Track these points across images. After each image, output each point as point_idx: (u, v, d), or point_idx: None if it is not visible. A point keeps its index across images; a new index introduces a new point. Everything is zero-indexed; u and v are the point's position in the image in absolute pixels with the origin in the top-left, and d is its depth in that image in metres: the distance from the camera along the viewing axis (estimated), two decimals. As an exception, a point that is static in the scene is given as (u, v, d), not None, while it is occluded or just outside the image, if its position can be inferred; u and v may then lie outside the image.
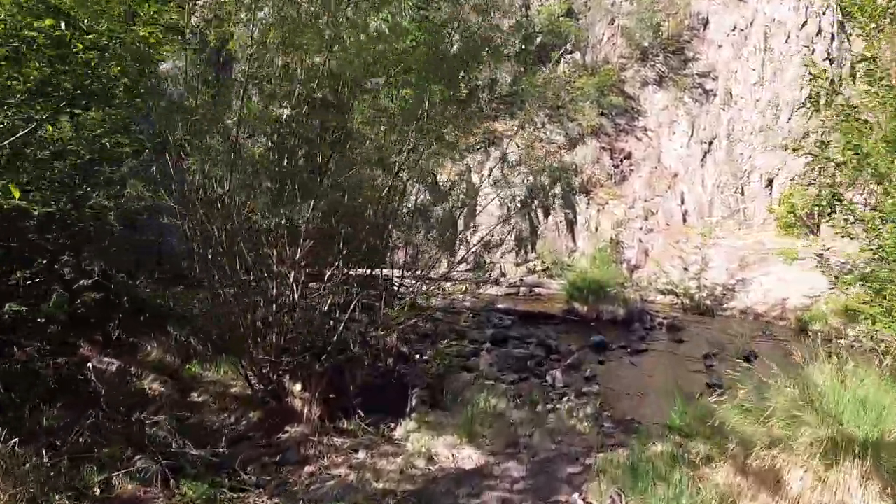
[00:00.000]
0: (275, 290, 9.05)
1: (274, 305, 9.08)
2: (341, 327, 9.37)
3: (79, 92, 7.14)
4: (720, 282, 22.15)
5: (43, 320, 8.29)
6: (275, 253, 9.02)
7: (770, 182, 26.55)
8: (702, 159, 26.84)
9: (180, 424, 8.79)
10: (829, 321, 19.73)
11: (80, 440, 7.39)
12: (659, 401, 11.75)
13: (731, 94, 27.34)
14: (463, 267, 22.32)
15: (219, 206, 8.63)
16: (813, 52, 26.46)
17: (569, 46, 28.46)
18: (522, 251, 23.00)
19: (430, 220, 13.34)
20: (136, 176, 9.26)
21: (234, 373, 10.09)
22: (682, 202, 25.98)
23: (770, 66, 27.00)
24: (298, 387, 9.12)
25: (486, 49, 10.03)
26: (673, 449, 8.07)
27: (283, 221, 8.75)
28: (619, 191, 25.48)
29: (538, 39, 28.12)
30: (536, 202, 23.34)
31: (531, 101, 27.22)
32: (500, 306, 19.08)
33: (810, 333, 18.83)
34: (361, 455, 8.24)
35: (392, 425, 9.11)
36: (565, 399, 11.51)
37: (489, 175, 24.05)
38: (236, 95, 8.72)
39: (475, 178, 24.08)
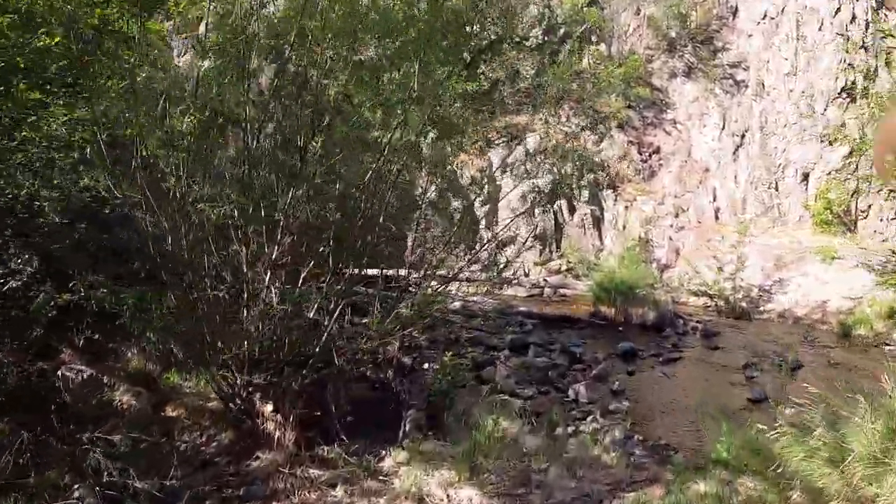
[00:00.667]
0: (245, 294, 7.48)
1: (245, 311, 7.51)
2: (324, 336, 7.74)
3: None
4: (756, 283, 20.35)
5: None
6: (244, 251, 7.44)
7: (805, 177, 24.65)
8: (734, 153, 24.97)
9: (135, 446, 7.29)
10: (874, 325, 17.94)
11: (20, 460, 6.19)
12: (698, 421, 10.09)
13: (763, 84, 25.46)
14: (479, 266, 20.78)
15: (176, 194, 7.05)
16: (847, 39, 24.55)
17: (593, 38, 26.71)
18: (546, 249, 21.34)
19: (442, 215, 11.77)
20: (87, 164, 7.67)
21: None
22: (714, 198, 24.15)
23: (803, 55, 25.11)
24: (270, 407, 7.55)
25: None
26: (719, 489, 6.37)
27: (256, 213, 7.21)
28: (648, 187, 23.71)
29: (561, 30, 26.41)
30: (560, 196, 21.64)
31: (555, 93, 25.62)
32: (521, 308, 17.43)
33: (854, 338, 17.28)
34: (339, 492, 6.69)
35: (380, 454, 7.52)
36: (590, 419, 9.91)
37: (510, 169, 22.59)
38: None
39: (497, 174, 22.48)
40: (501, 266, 13.78)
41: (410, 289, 9.60)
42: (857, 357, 15.46)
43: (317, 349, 7.75)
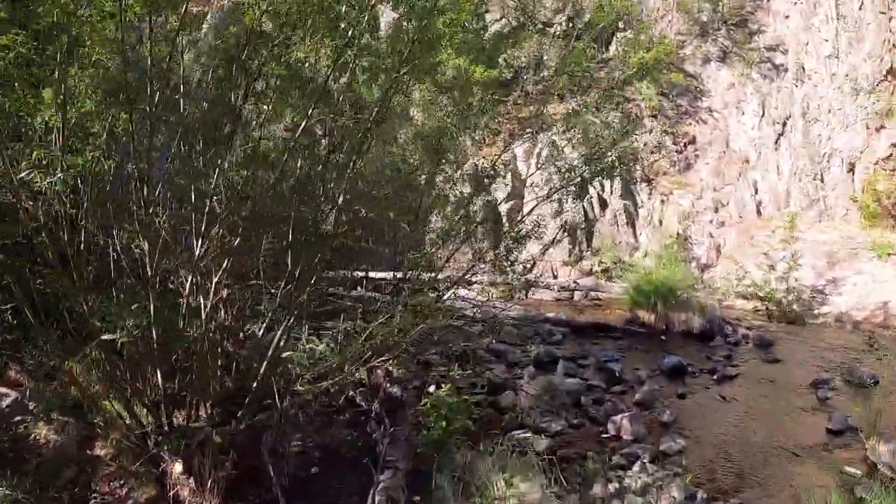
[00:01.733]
0: (152, 307, 5.22)
1: (154, 331, 5.25)
2: (264, 365, 5.47)
3: None
4: (808, 283, 17.81)
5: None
6: (147, 248, 5.18)
7: (852, 166, 22.08)
8: (775, 142, 22.39)
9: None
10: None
11: None
12: (775, 466, 7.76)
13: (803, 68, 22.86)
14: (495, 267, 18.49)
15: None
16: (891, 20, 21.91)
17: (621, 24, 24.19)
18: (576, 248, 18.93)
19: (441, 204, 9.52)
20: None
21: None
22: (756, 191, 21.59)
23: (844, 36, 22.49)
24: (179, 467, 5.27)
25: None
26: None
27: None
28: (685, 179, 21.20)
29: (587, 16, 23.95)
30: (592, 190, 19.25)
31: (582, 81, 23.48)
32: (549, 315, 15.07)
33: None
34: None
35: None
36: (637, 467, 7.50)
37: (537, 162, 20.23)
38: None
39: (522, 168, 20.15)
40: (520, 265, 11.45)
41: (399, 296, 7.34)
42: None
43: (255, 381, 5.47)
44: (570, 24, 23.43)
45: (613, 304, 16.32)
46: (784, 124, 22.63)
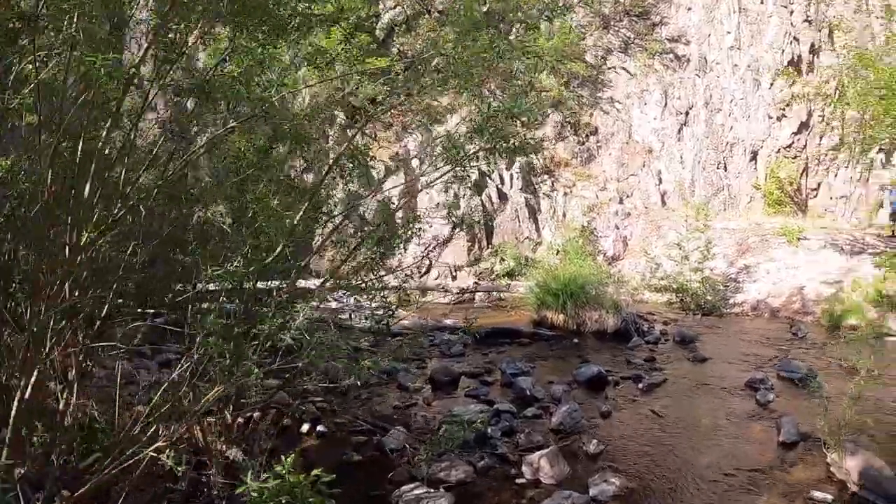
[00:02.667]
0: None
1: None
2: None
3: None
4: (720, 272, 16.28)
5: None
6: None
7: (754, 155, 21.01)
8: (678, 132, 21.06)
9: None
10: (866, 313, 14.05)
11: None
12: (732, 500, 5.83)
13: (705, 59, 21.68)
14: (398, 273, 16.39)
15: None
16: (791, 13, 20.91)
17: (520, 14, 22.39)
18: (475, 247, 16.91)
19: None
20: None
21: None
22: (660, 182, 20.15)
23: (746, 29, 21.42)
24: None
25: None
26: None
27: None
28: (588, 171, 19.55)
29: (486, 6, 22.09)
30: (491, 184, 17.36)
31: (480, 70, 21.35)
32: (448, 322, 12.99)
33: (847, 330, 13.40)
34: None
35: None
36: (565, 526, 5.36)
37: (429, 156, 18.15)
38: None
39: (415, 163, 18.06)
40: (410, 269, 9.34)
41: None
42: (868, 353, 11.44)
43: None
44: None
45: (519, 304, 14.37)
46: (687, 114, 21.34)
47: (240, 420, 6.25)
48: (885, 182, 18.70)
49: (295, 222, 6.17)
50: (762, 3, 21.41)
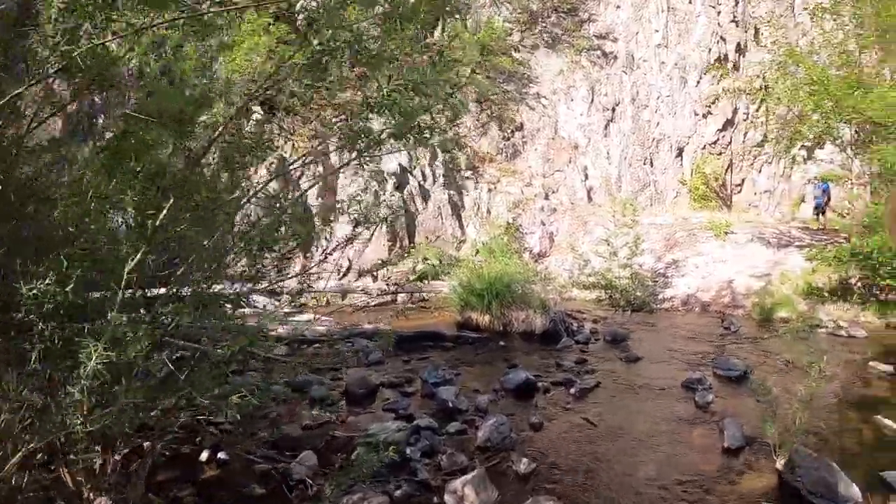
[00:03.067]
0: None
1: None
2: None
3: None
4: (649, 267, 15.71)
5: None
6: None
7: (680, 151, 20.64)
8: (605, 128, 20.53)
9: None
10: (796, 305, 13.69)
11: None
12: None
13: (633, 56, 21.18)
14: (325, 278, 15.32)
15: None
16: (719, 13, 20.64)
17: (447, 9, 21.48)
18: (397, 245, 15.96)
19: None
20: None
21: None
22: (586, 177, 19.55)
23: (674, 27, 21.04)
24: None
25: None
26: None
27: None
28: (513, 166, 18.80)
29: None
30: (413, 181, 16.45)
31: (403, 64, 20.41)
32: (367, 327, 11.99)
33: (778, 323, 12.99)
34: None
35: None
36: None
37: (349, 153, 17.13)
38: None
39: (334, 158, 16.99)
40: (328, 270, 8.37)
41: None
42: (803, 348, 10.96)
43: None
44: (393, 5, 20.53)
45: (443, 305, 13.46)
46: (614, 110, 20.84)
47: (116, 458, 5.13)
48: (813, 176, 18.51)
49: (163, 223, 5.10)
50: (690, 2, 21.16)
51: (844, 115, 14.24)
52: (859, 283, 13.99)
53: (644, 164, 20.28)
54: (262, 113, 17.96)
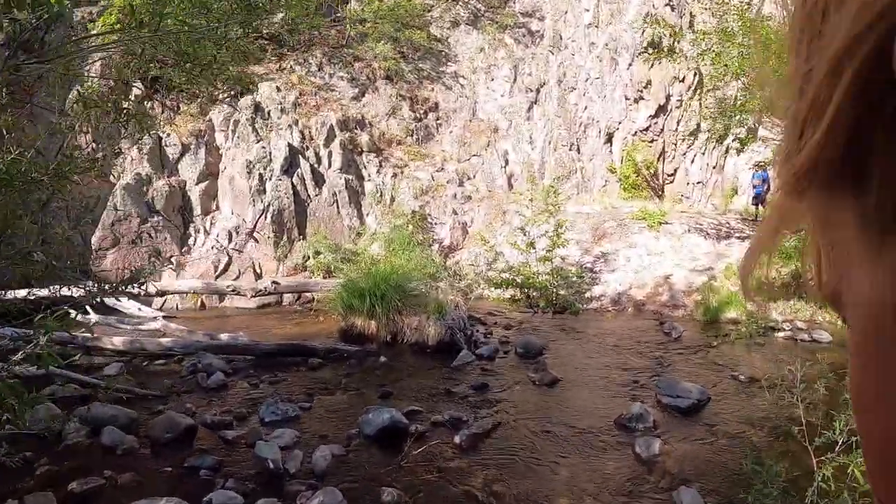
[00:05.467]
0: None
1: None
2: None
3: None
4: (574, 261, 12.93)
5: None
6: None
7: (610, 137, 17.92)
8: (528, 110, 17.74)
9: None
10: (748, 304, 11.02)
11: None
12: None
13: (560, 36, 18.37)
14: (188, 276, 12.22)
15: None
16: None
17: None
18: (284, 238, 12.83)
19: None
20: None
21: None
22: (507, 163, 16.71)
23: (606, 7, 18.33)
24: None
25: None
26: None
27: None
28: (424, 150, 15.83)
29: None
30: (305, 163, 13.39)
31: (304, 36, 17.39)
32: (223, 337, 8.88)
33: (726, 325, 10.36)
34: None
35: None
36: None
37: (234, 131, 13.95)
38: None
39: (220, 139, 13.84)
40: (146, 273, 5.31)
41: None
42: (762, 357, 8.33)
43: None
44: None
45: (331, 307, 10.35)
46: (538, 92, 18.03)
47: None
48: (754, 163, 15.97)
49: None
50: (624, -18, 18.45)
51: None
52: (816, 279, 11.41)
53: (570, 149, 17.57)
54: (141, 89, 14.81)
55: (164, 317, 10.67)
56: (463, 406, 6.22)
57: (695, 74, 18.00)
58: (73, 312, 9.66)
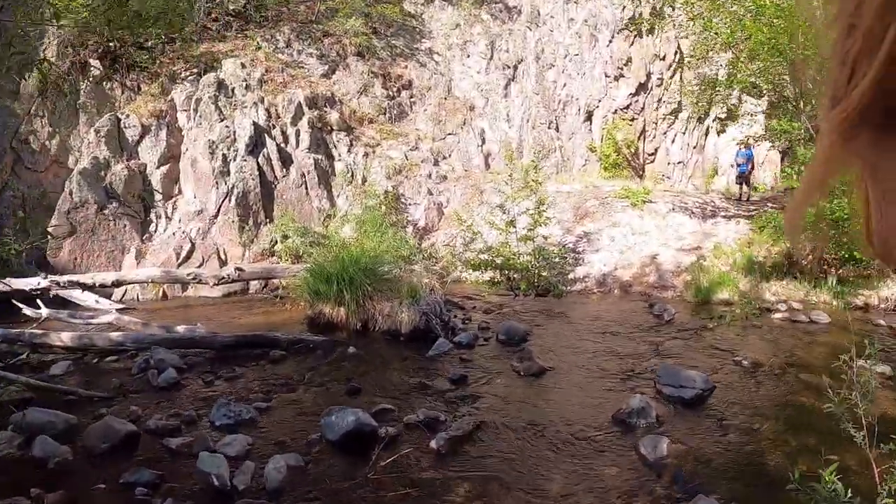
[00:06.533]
0: None
1: None
2: None
3: None
4: (556, 241, 12.16)
5: None
6: None
7: (590, 115, 17.16)
8: (505, 88, 16.87)
9: None
10: (739, 285, 10.35)
11: None
12: None
13: (538, 12, 17.50)
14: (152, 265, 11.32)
15: None
16: None
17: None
18: (250, 221, 11.91)
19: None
20: None
21: None
22: (483, 141, 15.87)
23: (588, -19, 17.48)
24: None
25: None
26: None
27: None
28: (397, 128, 14.91)
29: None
30: (271, 143, 12.48)
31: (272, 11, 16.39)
32: (179, 330, 8.00)
33: (718, 305, 9.64)
34: None
35: None
36: None
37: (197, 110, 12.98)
38: None
39: (182, 120, 12.88)
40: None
41: None
42: (762, 340, 7.62)
43: None
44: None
45: (298, 294, 9.46)
46: (515, 69, 17.15)
47: None
48: (738, 141, 15.23)
49: None
50: (605, -43, 17.56)
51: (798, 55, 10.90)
52: (810, 257, 10.71)
53: (549, 128, 16.74)
54: (100, 69, 13.81)
55: (119, 309, 9.78)
56: (440, 403, 5.41)
57: (676, 52, 17.24)
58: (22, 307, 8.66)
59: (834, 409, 2.88)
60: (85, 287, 10.37)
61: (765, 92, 14.42)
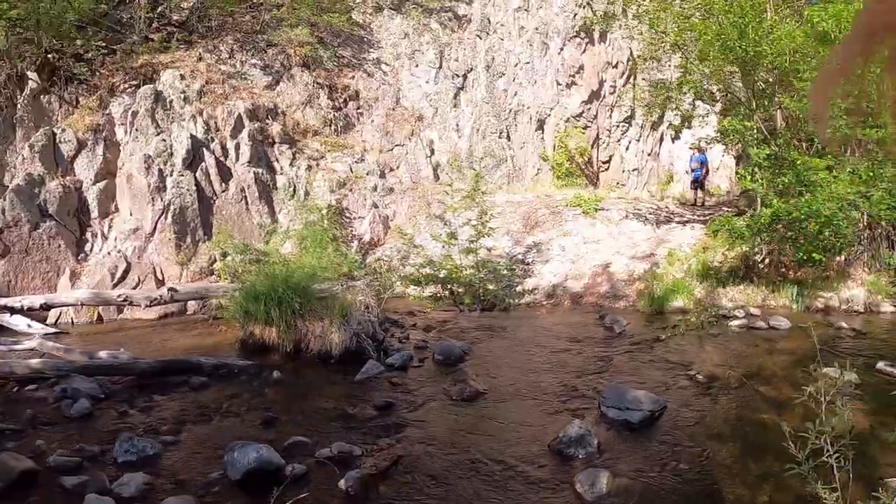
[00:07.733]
0: None
1: None
2: None
3: None
4: (504, 252, 11.72)
5: None
6: None
7: (541, 124, 16.81)
8: (454, 97, 16.44)
9: None
10: (695, 292, 9.97)
11: None
12: None
13: (489, 20, 17.10)
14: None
15: None
16: None
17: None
18: (188, 239, 11.27)
19: None
20: None
21: None
22: (432, 152, 15.43)
23: (537, -10, 17.15)
24: None
25: None
26: None
27: None
28: (343, 140, 14.37)
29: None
30: (209, 156, 11.87)
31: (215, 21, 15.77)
32: (102, 356, 7.38)
33: (672, 314, 9.26)
34: None
35: None
36: None
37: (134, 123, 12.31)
38: None
39: (120, 134, 12.22)
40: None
41: None
42: (718, 350, 7.20)
43: None
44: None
45: (231, 315, 8.85)
46: (465, 78, 16.73)
47: None
48: (690, 145, 15.01)
49: None
50: (555, -35, 17.22)
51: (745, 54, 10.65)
52: (766, 261, 10.40)
53: (500, 137, 16.35)
54: (37, 81, 13.07)
55: (53, 333, 9.14)
56: (360, 433, 4.88)
57: (628, 59, 16.97)
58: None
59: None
60: (13, 311, 9.71)
61: (717, 95, 14.18)
